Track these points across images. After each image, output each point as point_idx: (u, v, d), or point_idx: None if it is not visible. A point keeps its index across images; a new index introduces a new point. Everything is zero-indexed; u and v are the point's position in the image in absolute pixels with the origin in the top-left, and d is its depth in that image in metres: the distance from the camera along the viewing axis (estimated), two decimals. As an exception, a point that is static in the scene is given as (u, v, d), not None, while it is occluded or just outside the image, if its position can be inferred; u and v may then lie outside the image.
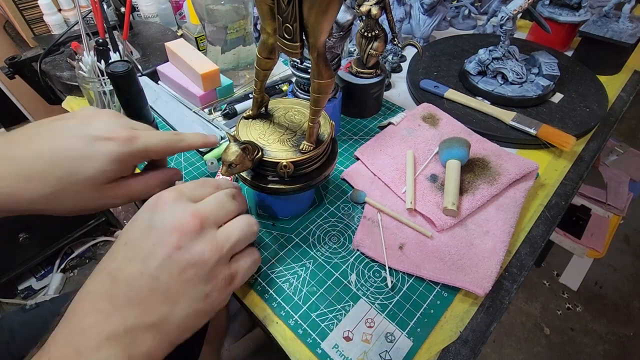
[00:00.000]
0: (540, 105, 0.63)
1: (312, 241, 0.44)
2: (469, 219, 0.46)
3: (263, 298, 0.39)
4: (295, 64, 0.49)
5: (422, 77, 0.67)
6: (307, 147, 0.37)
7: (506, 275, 0.42)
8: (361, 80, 0.57)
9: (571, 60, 0.73)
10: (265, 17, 0.32)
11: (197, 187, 0.33)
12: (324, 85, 0.33)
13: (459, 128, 0.57)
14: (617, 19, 0.71)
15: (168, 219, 0.29)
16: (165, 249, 0.27)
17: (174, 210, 0.29)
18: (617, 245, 1.44)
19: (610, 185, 1.40)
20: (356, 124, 0.61)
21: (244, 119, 0.41)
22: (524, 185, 0.49)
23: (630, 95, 0.71)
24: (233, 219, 0.32)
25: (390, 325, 0.37)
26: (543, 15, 0.75)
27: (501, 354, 1.17)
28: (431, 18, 0.78)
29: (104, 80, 0.54)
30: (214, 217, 0.31)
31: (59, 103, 0.69)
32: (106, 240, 1.43)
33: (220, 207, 0.31)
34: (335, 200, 0.49)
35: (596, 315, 1.26)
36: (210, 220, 0.30)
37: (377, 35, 0.53)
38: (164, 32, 0.76)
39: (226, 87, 0.62)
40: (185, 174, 0.53)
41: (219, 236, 0.30)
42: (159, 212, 0.29)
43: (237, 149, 0.35)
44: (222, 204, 0.32)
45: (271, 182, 0.39)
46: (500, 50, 0.63)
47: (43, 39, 0.73)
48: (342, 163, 0.54)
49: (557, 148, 0.56)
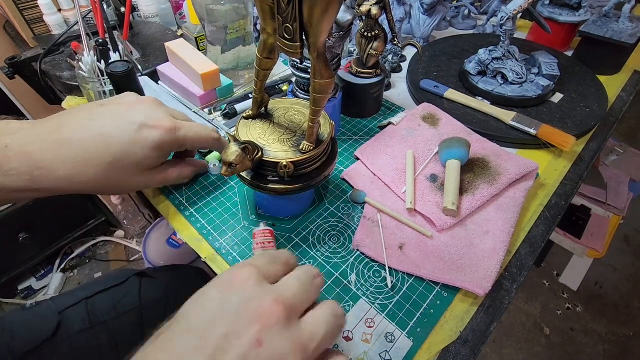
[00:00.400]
0: (540, 105, 0.63)
1: (312, 241, 0.44)
2: (469, 219, 0.46)
3: (263, 298, 0.39)
4: (295, 64, 0.49)
5: (422, 77, 0.67)
6: (307, 147, 0.37)
7: (506, 275, 0.42)
8: (361, 80, 0.57)
9: (571, 60, 0.73)
10: (265, 17, 0.32)
11: (270, 263, 0.27)
12: (324, 85, 0.33)
13: (459, 128, 0.57)
14: (617, 19, 0.71)
15: (247, 305, 0.23)
16: (242, 342, 0.21)
17: (254, 294, 0.23)
18: (617, 245, 1.44)
19: (610, 185, 1.40)
20: (356, 124, 0.61)
21: (244, 119, 0.41)
22: (524, 185, 0.49)
23: (630, 95, 0.71)
24: (316, 306, 0.26)
25: (390, 325, 0.37)
26: (543, 15, 0.75)
27: (501, 354, 1.17)
28: (431, 18, 0.78)
29: (104, 80, 0.54)
30: (299, 304, 0.25)
31: (59, 103, 0.69)
32: (106, 240, 1.43)
33: (303, 292, 0.25)
34: (335, 200, 0.49)
35: (596, 315, 1.26)
36: (295, 310, 0.24)
37: (377, 35, 0.53)
38: (164, 32, 0.76)
39: (226, 87, 0.62)
40: (185, 174, 0.53)
41: (304, 331, 0.23)
42: (234, 294, 0.24)
43: (237, 149, 0.35)
44: (305, 288, 0.25)
45: (271, 182, 0.39)
46: (500, 50, 0.63)
47: (43, 39, 0.73)
48: (342, 163, 0.54)
49: (557, 148, 0.56)
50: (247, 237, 0.45)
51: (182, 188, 0.50)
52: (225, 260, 0.43)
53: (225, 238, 0.45)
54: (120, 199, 1.28)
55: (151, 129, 0.36)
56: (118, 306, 0.58)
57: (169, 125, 0.37)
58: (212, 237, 0.45)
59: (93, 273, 1.36)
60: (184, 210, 0.48)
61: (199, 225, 0.46)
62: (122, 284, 0.62)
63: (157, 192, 0.51)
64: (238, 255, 0.43)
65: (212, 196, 0.49)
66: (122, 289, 0.61)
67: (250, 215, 0.47)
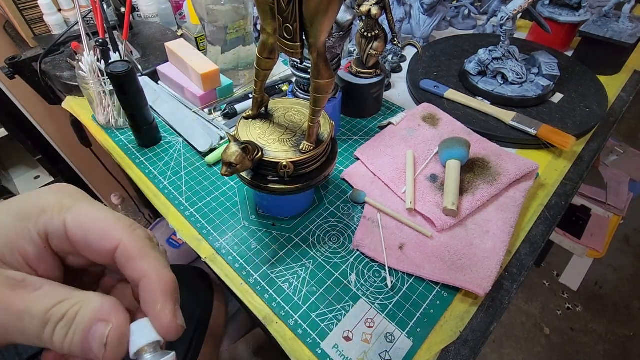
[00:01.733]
0: (540, 105, 0.63)
1: (312, 241, 0.44)
2: (469, 219, 0.46)
3: (263, 298, 0.39)
4: (295, 64, 0.49)
5: (422, 77, 0.67)
6: (307, 147, 0.37)
7: (506, 275, 0.42)
8: (361, 80, 0.57)
9: (571, 60, 0.73)
10: (265, 17, 0.32)
11: None
12: (324, 85, 0.33)
13: (459, 128, 0.57)
14: (617, 19, 0.71)
15: None
16: None
17: None
18: (617, 245, 1.44)
19: (610, 185, 1.40)
20: (356, 124, 0.61)
21: (244, 119, 0.41)
22: (524, 185, 0.49)
23: (630, 95, 0.70)
24: None
25: (390, 325, 0.37)
26: (543, 15, 0.75)
27: (501, 354, 1.17)
28: (431, 18, 0.78)
29: (104, 80, 0.54)
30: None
31: (59, 103, 0.69)
32: (106, 240, 1.43)
33: None
34: (335, 200, 0.49)
35: (596, 315, 1.26)
36: None
37: (377, 35, 0.53)
38: (164, 32, 0.76)
39: (226, 87, 0.62)
40: (186, 174, 0.53)
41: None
42: None
43: (237, 149, 0.35)
44: None
45: (271, 182, 0.39)
46: (500, 50, 0.63)
47: (43, 39, 0.73)
48: (342, 163, 0.54)
49: (557, 148, 0.55)
50: (247, 237, 0.45)
51: (182, 188, 0.50)
52: (225, 260, 0.43)
53: (225, 238, 0.45)
54: (120, 198, 1.28)
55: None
56: None
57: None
58: (212, 237, 0.45)
59: (93, 273, 1.36)
60: (184, 210, 0.48)
61: (199, 225, 0.46)
62: None
63: (157, 192, 0.51)
64: (238, 255, 0.43)
65: (212, 196, 0.49)
66: None
67: (250, 215, 0.47)
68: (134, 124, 0.54)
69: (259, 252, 0.43)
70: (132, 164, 0.55)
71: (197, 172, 0.53)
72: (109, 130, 0.60)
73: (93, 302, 0.18)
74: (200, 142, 0.55)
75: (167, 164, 0.54)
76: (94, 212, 0.20)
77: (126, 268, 0.20)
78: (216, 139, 0.56)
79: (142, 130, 0.55)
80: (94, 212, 0.20)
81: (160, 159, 0.55)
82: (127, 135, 0.59)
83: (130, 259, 0.20)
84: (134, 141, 0.58)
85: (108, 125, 0.60)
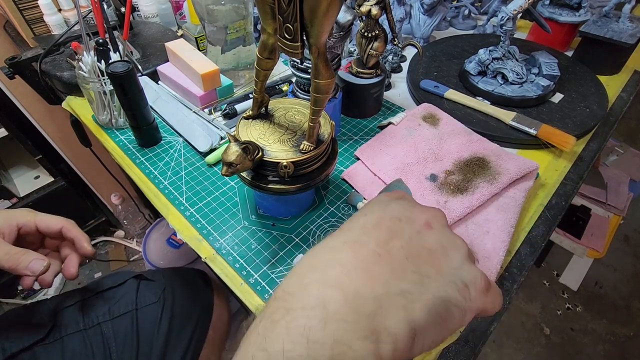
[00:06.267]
0: (540, 105, 0.63)
1: (312, 241, 0.44)
2: (469, 219, 0.46)
3: (263, 298, 0.39)
4: (295, 64, 0.49)
5: (422, 77, 0.67)
6: (307, 147, 0.37)
7: (506, 275, 0.42)
8: (361, 80, 0.57)
9: (571, 60, 0.73)
10: (265, 17, 0.32)
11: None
12: (324, 85, 0.33)
13: (459, 128, 0.57)
14: (617, 19, 0.71)
15: (413, 205, 0.25)
16: (414, 225, 0.23)
17: (415, 203, 0.26)
18: (617, 245, 1.44)
19: (610, 185, 1.40)
20: (356, 124, 0.61)
21: (244, 119, 0.41)
22: (524, 185, 0.49)
23: (630, 95, 0.71)
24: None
25: (390, 325, 0.37)
26: (543, 15, 0.75)
27: (501, 354, 1.17)
28: (431, 18, 0.78)
29: (104, 80, 0.54)
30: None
31: (59, 103, 0.69)
32: (106, 240, 1.43)
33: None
34: (335, 201, 0.49)
35: (596, 315, 1.26)
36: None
37: (377, 35, 0.53)
38: (164, 32, 0.76)
39: (226, 87, 0.62)
40: (185, 174, 0.53)
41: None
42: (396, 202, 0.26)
43: (237, 149, 0.35)
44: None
45: (271, 182, 0.39)
46: (500, 50, 0.63)
47: (43, 39, 0.73)
48: (342, 163, 0.54)
49: (557, 148, 0.56)
50: (247, 237, 0.45)
51: (182, 188, 0.51)
52: (225, 260, 0.43)
53: (225, 238, 0.45)
54: (120, 198, 1.28)
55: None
56: (113, 309, 0.58)
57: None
58: (212, 237, 0.45)
59: (93, 273, 1.36)
60: (184, 210, 0.48)
61: (199, 225, 0.46)
62: (120, 286, 0.62)
63: (157, 192, 0.51)
64: (238, 255, 0.43)
65: (212, 196, 0.49)
66: (119, 292, 0.61)
67: (250, 215, 0.47)
68: (134, 123, 0.54)
69: (259, 252, 0.43)
70: (132, 163, 0.55)
71: (197, 172, 0.53)
72: (109, 130, 0.60)
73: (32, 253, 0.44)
74: (201, 142, 0.55)
75: (167, 164, 0.54)
76: (47, 216, 0.48)
77: (68, 233, 0.48)
78: (216, 139, 0.55)
79: (142, 130, 0.55)
80: (47, 216, 0.48)
81: (161, 159, 0.55)
82: (127, 135, 0.59)
83: (67, 230, 0.48)
84: (134, 141, 0.58)
85: (108, 125, 0.60)
